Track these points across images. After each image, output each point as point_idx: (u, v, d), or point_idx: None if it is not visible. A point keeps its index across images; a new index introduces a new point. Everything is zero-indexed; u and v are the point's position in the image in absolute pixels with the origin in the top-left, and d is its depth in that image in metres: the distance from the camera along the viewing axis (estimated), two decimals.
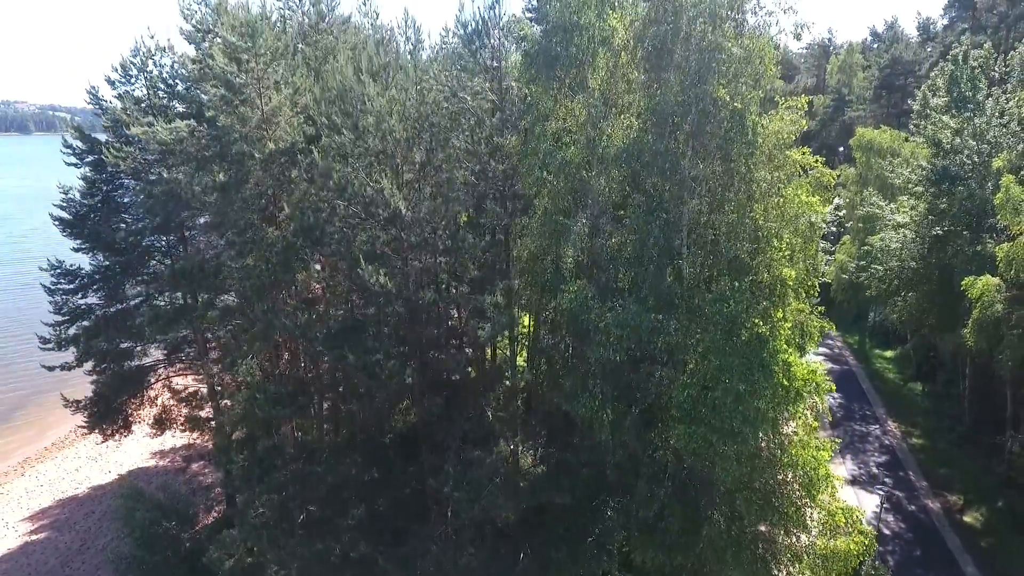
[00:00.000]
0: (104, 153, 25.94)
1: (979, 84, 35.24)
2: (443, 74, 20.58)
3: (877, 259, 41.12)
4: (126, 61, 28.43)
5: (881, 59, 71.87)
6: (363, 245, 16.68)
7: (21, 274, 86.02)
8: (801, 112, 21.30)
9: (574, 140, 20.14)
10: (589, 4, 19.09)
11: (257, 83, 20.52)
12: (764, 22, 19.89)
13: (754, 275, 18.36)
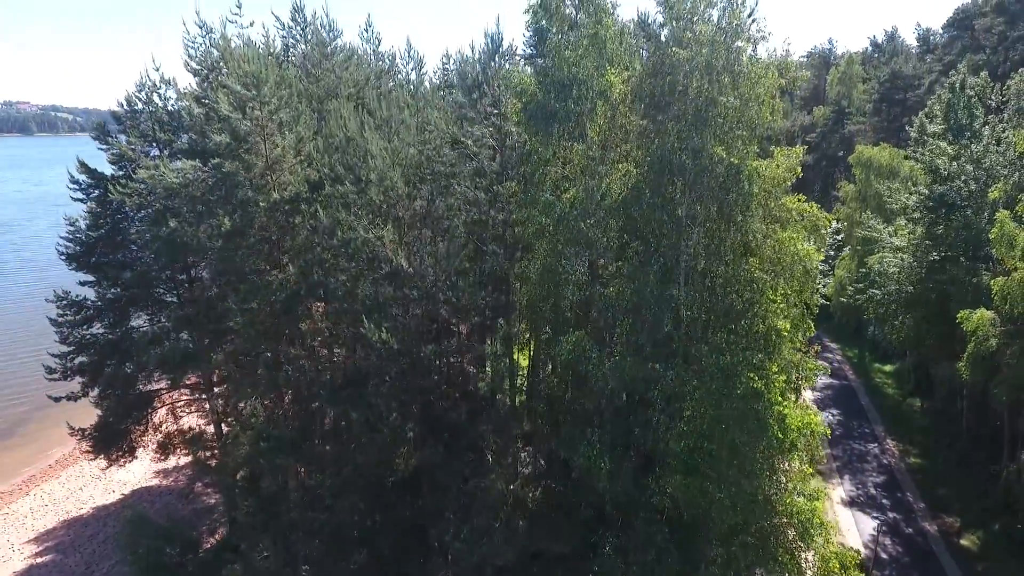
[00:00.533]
0: (110, 190, 26.26)
1: (976, 112, 35.51)
2: (444, 121, 20.84)
3: (875, 282, 41.42)
4: (131, 96, 28.82)
5: (881, 72, 72.07)
6: (366, 299, 16.99)
7: (24, 284, 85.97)
8: (797, 159, 21.61)
9: (573, 187, 20.44)
10: (588, 55, 19.38)
11: (262, 131, 20.83)
12: (759, 72, 20.22)
13: (749, 326, 18.65)
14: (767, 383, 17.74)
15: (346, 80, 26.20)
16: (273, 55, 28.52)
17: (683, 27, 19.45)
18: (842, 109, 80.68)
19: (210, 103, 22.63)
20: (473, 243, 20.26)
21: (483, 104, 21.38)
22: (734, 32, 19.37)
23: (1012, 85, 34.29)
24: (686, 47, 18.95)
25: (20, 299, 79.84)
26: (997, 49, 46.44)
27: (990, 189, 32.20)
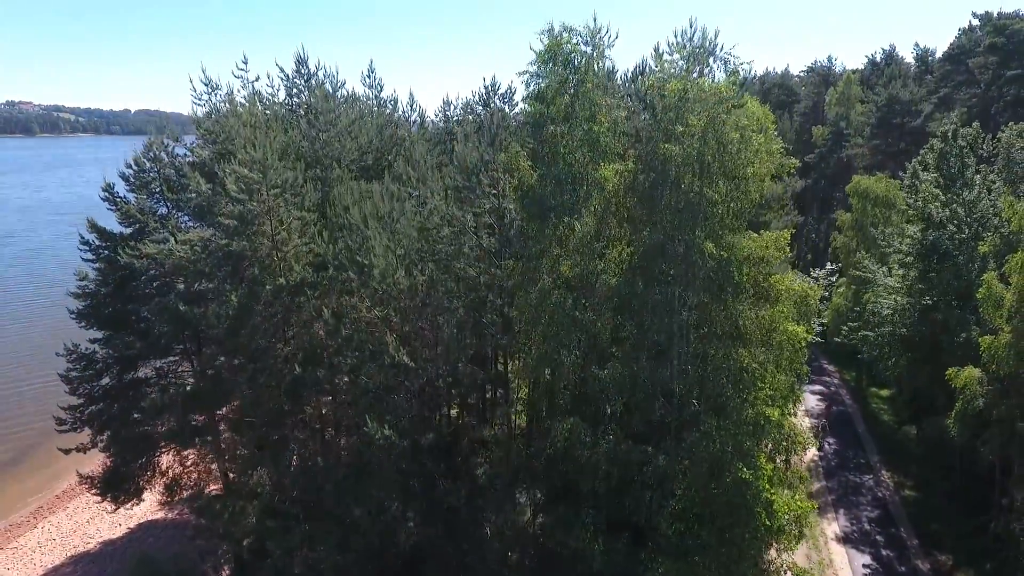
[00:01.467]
0: (119, 253, 26.98)
1: (967, 161, 36.18)
2: (444, 199, 21.55)
3: (869, 322, 42.09)
4: (139, 157, 29.59)
5: (879, 97, 72.68)
6: (368, 390, 17.71)
7: (26, 301, 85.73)
8: (785, 240, 22.24)
9: (569, 271, 21.12)
10: (582, 146, 20.05)
11: (268, 214, 21.54)
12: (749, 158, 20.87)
13: (739, 412, 19.33)
14: (755, 472, 18.41)
15: (349, 148, 26.87)
16: (279, 119, 29.24)
17: (673, 117, 20.15)
18: (840, 131, 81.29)
19: (218, 179, 23.37)
20: (472, 319, 20.96)
21: (483, 185, 22.04)
22: (726, 123, 20.01)
23: (1003, 138, 34.98)
24: (677, 141, 19.62)
25: (23, 317, 79.09)
26: (991, 87, 47.10)
27: (980, 242, 32.84)
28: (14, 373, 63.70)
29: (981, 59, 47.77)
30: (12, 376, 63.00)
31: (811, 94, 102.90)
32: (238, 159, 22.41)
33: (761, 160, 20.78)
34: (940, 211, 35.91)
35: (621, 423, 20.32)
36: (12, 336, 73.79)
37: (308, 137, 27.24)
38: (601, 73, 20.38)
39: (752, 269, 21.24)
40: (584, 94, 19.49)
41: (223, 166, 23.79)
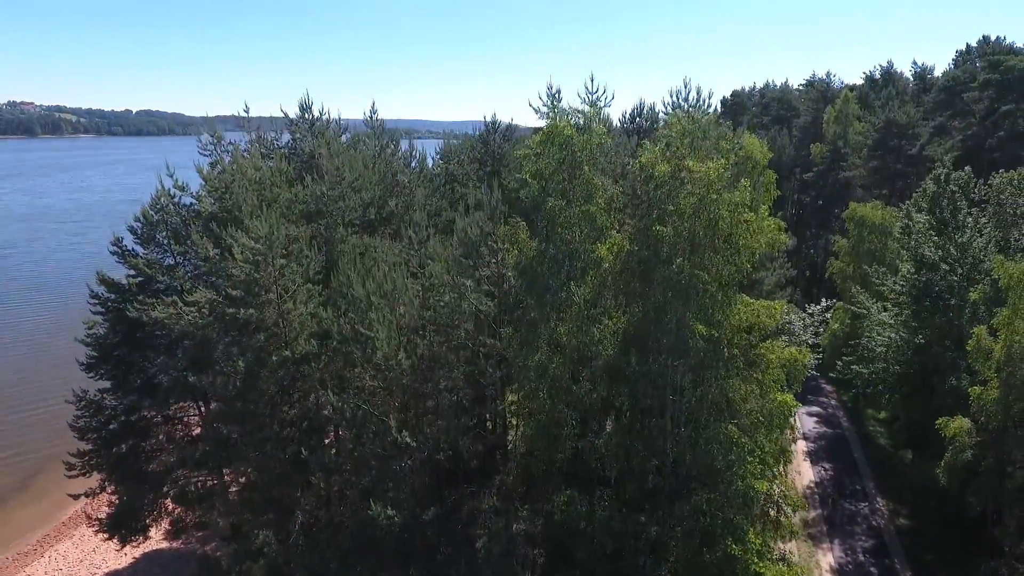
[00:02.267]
0: (128, 308, 27.68)
1: (959, 204, 36.84)
2: (445, 268, 22.22)
3: (864, 357, 42.77)
4: (147, 211, 30.32)
5: (876, 118, 73.36)
6: (370, 470, 18.41)
7: (29, 319, 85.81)
8: (779, 311, 22.89)
9: (566, 339, 21.78)
10: (580, 224, 20.72)
11: (274, 284, 22.23)
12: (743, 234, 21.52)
13: (728, 485, 20.01)
14: (744, 547, 19.08)
15: (353, 205, 27.55)
16: (282, 173, 29.92)
17: (665, 196, 20.82)
18: (838, 149, 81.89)
19: (224, 242, 24.06)
20: (472, 390, 21.64)
21: (483, 256, 22.71)
22: (717, 203, 20.65)
23: (994, 184, 35.66)
24: (668, 220, 20.29)
25: (25, 336, 78.73)
26: (986, 120, 47.78)
27: (972, 288, 33.50)
28: (17, 395, 63.94)
29: (976, 94, 48.42)
30: (15, 399, 63.24)
31: (810, 109, 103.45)
32: (245, 228, 23.08)
33: (752, 235, 21.41)
34: (933, 252, 36.56)
35: (616, 488, 20.99)
36: (14, 356, 73.74)
37: (313, 195, 27.92)
38: (596, 148, 21.01)
39: (742, 337, 21.88)
40: (580, 176, 20.17)
41: (230, 231, 24.48)
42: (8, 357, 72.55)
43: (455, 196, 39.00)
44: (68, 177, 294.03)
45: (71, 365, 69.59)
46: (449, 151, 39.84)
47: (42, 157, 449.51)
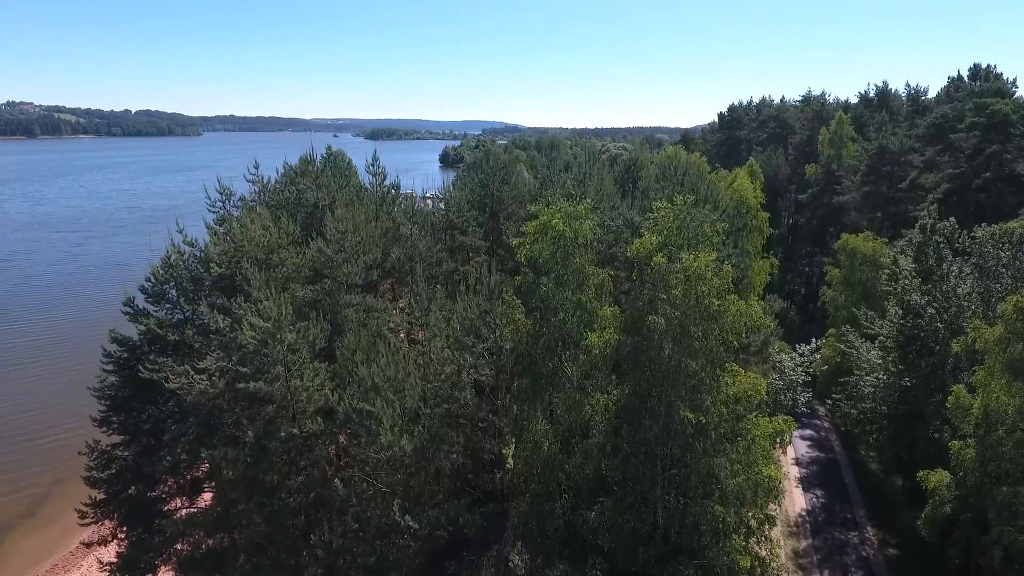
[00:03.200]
0: (140, 369, 28.74)
1: (944, 253, 38.05)
2: (447, 349, 23.36)
3: (852, 396, 43.99)
4: (157, 270, 31.40)
5: (870, 144, 74.63)
6: (376, 548, 19.55)
7: (31, 337, 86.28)
8: (763, 386, 24.04)
9: (561, 412, 22.94)
10: (574, 312, 21.86)
11: (283, 362, 23.35)
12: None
13: (714, 560, 21.17)
14: None
15: (356, 271, 28.66)
16: (289, 234, 31.04)
17: (658, 284, 21.96)
18: (832, 172, 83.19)
19: (235, 316, 25.17)
20: (471, 465, 22.81)
21: (482, 333, 23.84)
22: (707, 294, 21.79)
23: (978, 236, 36.85)
24: (660, 311, 21.43)
25: (28, 358, 78.90)
26: (974, 160, 49.02)
27: (955, 339, 34.68)
28: (21, 421, 64.55)
29: (963, 135, 49.62)
30: (19, 424, 63.83)
31: (806, 128, 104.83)
32: (254, 301, 24.21)
33: (739, 317, 22.55)
34: (919, 299, 37.74)
35: (609, 559, 22.12)
36: (18, 379, 74.14)
37: (319, 260, 29.03)
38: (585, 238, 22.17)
39: (730, 409, 23.01)
40: (572, 264, 21.34)
41: (239, 300, 25.60)
42: (9, 380, 73.10)
43: (455, 244, 40.19)
44: (67, 182, 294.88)
45: (77, 389, 70.29)
46: (450, 199, 40.98)
47: (41, 160, 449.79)
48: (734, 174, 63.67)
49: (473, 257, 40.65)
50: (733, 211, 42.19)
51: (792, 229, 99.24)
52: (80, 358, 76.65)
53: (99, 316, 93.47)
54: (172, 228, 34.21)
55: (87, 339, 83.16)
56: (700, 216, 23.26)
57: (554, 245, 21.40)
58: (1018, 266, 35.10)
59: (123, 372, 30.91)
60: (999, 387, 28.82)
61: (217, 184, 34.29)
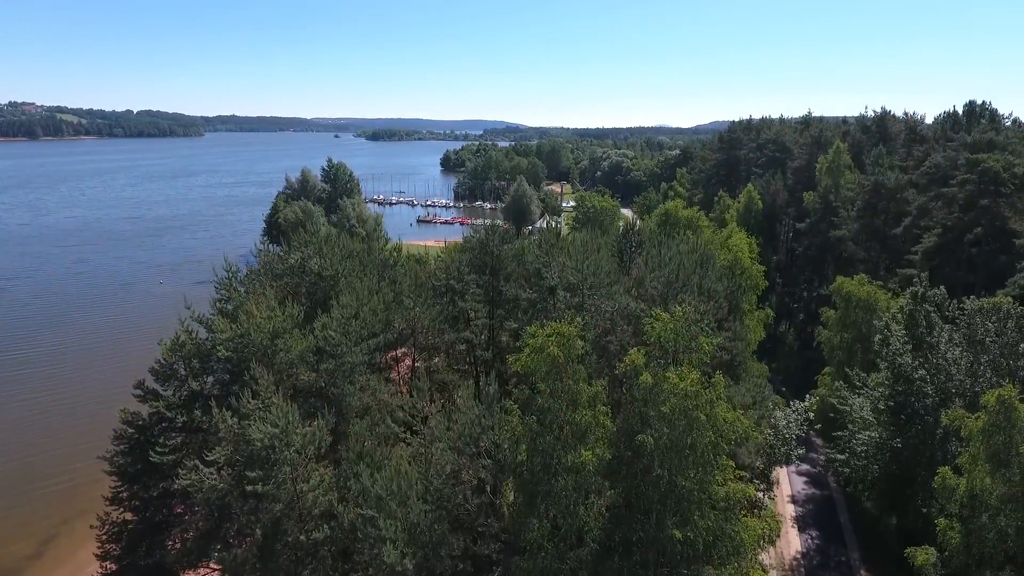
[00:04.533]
0: (151, 454, 29.79)
1: (934, 322, 38.94)
2: (449, 448, 24.31)
3: (845, 450, 44.92)
4: (166, 353, 32.43)
5: (865, 179, 75.49)
6: None
7: (38, 363, 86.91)
8: (752, 493, 24.92)
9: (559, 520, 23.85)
10: (569, 428, 22.76)
11: (290, 463, 24.30)
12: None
13: None
14: None
15: (359, 351, 29.65)
16: (293, 318, 31.98)
17: (653, 395, 22.87)
18: (829, 203, 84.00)
19: (242, 414, 26.13)
20: (473, 563, 23.75)
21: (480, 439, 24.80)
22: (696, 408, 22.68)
23: (967, 308, 37.73)
24: (654, 427, 22.34)
25: (36, 387, 79.04)
26: (967, 212, 49.87)
27: (943, 412, 35.59)
28: (30, 460, 65.31)
29: (956, 189, 50.47)
30: (27, 464, 64.62)
31: (804, 152, 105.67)
32: (261, 400, 25.18)
33: (730, 430, 23.45)
34: (910, 365, 38.66)
35: None
36: (24, 410, 74.36)
37: (325, 346, 30.02)
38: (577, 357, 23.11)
39: (719, 513, 23.93)
40: (565, 383, 22.32)
41: (246, 396, 26.57)
42: (14, 411, 73.69)
43: (455, 310, 41.10)
44: (68, 189, 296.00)
45: (81, 424, 70.87)
46: (450, 263, 41.87)
47: (43, 164, 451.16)
48: (730, 230, 64.60)
49: (473, 319, 41.59)
50: (728, 273, 43.07)
51: (790, 254, 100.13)
52: (86, 390, 77.70)
53: (104, 343, 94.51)
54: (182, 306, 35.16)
55: (93, 369, 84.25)
56: (696, 329, 24.17)
57: (548, 366, 22.33)
58: (1004, 341, 35.96)
59: (134, 453, 31.98)
60: (983, 472, 29.72)
61: (224, 263, 35.21)
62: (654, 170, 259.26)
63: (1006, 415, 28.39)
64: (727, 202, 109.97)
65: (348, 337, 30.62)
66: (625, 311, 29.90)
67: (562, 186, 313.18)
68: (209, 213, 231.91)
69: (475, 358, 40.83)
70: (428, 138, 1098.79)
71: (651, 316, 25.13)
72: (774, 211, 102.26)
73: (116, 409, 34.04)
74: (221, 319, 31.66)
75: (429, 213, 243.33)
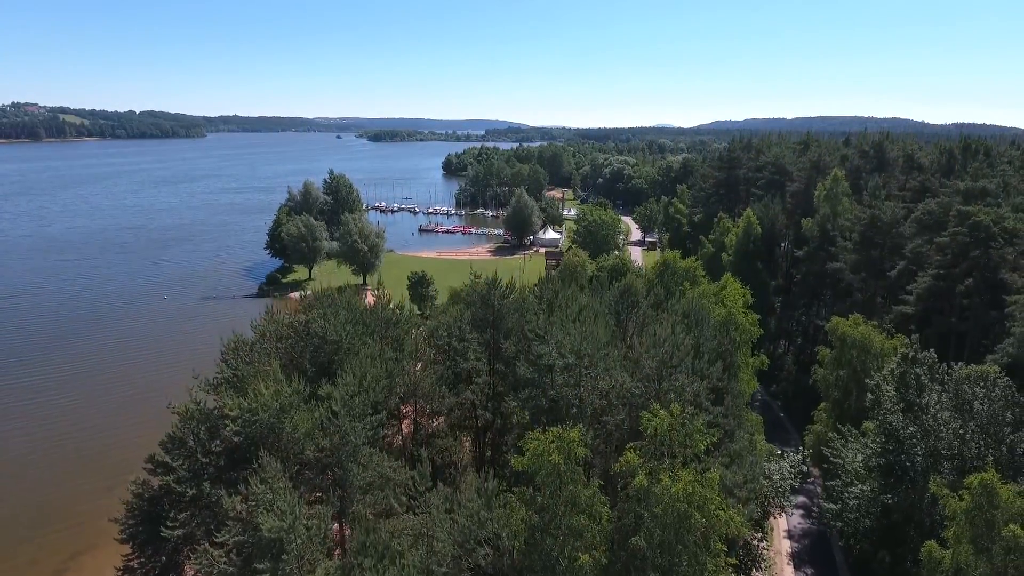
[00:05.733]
0: (162, 530, 30.87)
1: (924, 383, 39.88)
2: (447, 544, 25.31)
3: (837, 500, 45.90)
4: (177, 428, 33.50)
5: (862, 212, 76.32)
6: None
7: (45, 391, 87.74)
8: None
9: None
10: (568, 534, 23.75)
11: (296, 553, 25.32)
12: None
13: None
14: None
15: (363, 429, 30.70)
16: (299, 396, 33.03)
17: (647, 496, 23.85)
18: (827, 232, 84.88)
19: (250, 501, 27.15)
20: None
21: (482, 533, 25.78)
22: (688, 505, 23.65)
23: (955, 374, 38.66)
24: (644, 529, 23.32)
25: (45, 417, 79.39)
26: (958, 262, 50.76)
27: (932, 477, 36.56)
28: (33, 491, 66.24)
29: (948, 239, 51.32)
30: (35, 501, 65.53)
31: (803, 175, 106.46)
32: (270, 487, 26.22)
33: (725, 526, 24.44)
34: (901, 425, 39.60)
35: None
36: (28, 443, 74.36)
37: (327, 423, 31.08)
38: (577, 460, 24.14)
39: None
40: (565, 490, 23.35)
41: (255, 481, 27.62)
42: (17, 444, 74.20)
43: (458, 371, 42.11)
44: (70, 196, 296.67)
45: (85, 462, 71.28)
46: (451, 324, 42.83)
47: (45, 168, 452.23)
48: (724, 280, 65.58)
49: (475, 379, 42.57)
50: (722, 330, 43.97)
51: (789, 278, 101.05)
52: (89, 421, 78.35)
53: (108, 368, 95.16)
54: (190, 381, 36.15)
55: (96, 398, 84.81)
56: (691, 427, 25.14)
57: (549, 470, 23.31)
58: (992, 409, 36.85)
59: (145, 525, 33.08)
60: (967, 550, 30.68)
61: (231, 335, 36.27)
62: (655, 177, 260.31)
63: (988, 498, 29.29)
64: (727, 224, 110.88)
65: (352, 415, 31.63)
66: (621, 391, 30.85)
67: (563, 193, 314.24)
68: (212, 222, 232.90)
69: (476, 416, 41.85)
70: (430, 139, 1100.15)
71: (650, 412, 26.09)
72: (773, 235, 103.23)
73: (122, 442, 35.04)
74: (229, 397, 32.66)
75: (431, 222, 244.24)
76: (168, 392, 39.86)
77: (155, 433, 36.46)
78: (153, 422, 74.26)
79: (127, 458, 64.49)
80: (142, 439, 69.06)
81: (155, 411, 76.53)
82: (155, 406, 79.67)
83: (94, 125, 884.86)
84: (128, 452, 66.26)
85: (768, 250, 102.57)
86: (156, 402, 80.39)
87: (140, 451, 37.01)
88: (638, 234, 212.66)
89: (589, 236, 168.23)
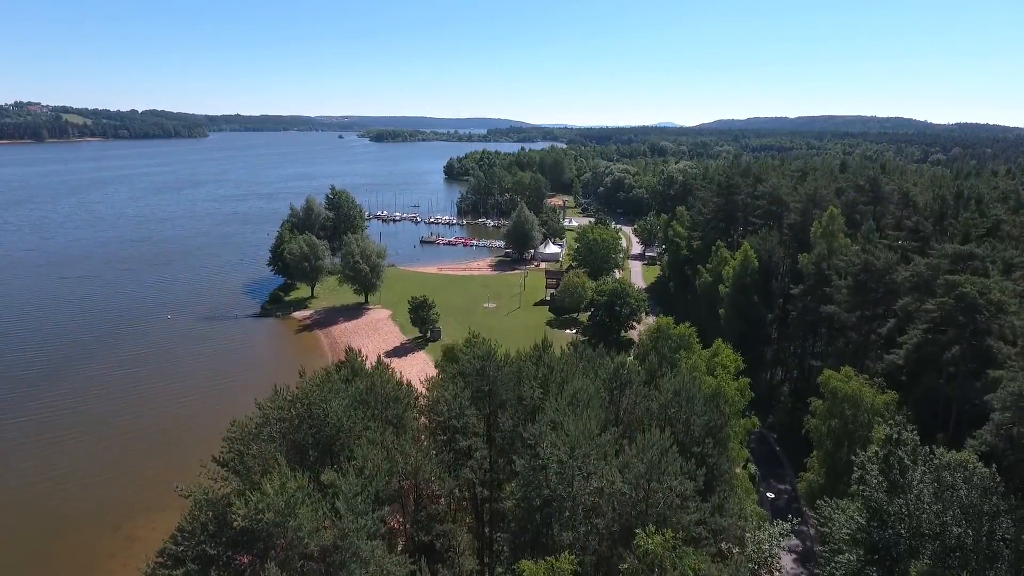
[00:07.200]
0: None
1: (907, 463, 41.11)
2: None
3: (826, 568, 47.17)
4: (187, 516, 34.89)
5: (855, 258, 77.40)
6: None
7: (54, 420, 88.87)
8: None
9: None
10: None
11: None
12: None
13: None
14: None
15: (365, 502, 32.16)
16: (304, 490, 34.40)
17: None
18: (822, 272, 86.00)
19: None
20: None
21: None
22: None
23: (937, 458, 39.89)
24: None
25: (39, 451, 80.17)
26: (945, 329, 52.01)
27: (912, 563, 37.83)
28: (43, 528, 67.88)
29: (935, 307, 52.50)
30: (43, 535, 67.14)
31: (799, 206, 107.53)
32: None
33: None
34: (885, 504, 40.84)
35: None
36: (35, 481, 75.36)
37: (331, 526, 32.48)
38: None
39: None
40: None
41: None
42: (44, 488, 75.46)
43: (456, 447, 43.50)
44: (71, 205, 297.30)
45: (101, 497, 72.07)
46: (451, 400, 44.14)
47: (47, 173, 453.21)
48: (716, 345, 67.02)
49: (474, 453, 43.95)
50: (712, 404, 45.26)
51: (786, 311, 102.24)
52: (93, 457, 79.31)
53: (109, 398, 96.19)
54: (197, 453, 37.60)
55: (98, 432, 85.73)
56: (682, 551, 26.48)
57: None
58: (969, 498, 38.09)
59: None
60: None
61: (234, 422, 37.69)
62: (656, 187, 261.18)
63: None
64: (724, 254, 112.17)
65: (355, 512, 33.02)
66: (612, 493, 32.17)
67: (564, 201, 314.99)
68: (214, 234, 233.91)
69: (475, 494, 43.22)
70: (432, 138, 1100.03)
71: (645, 533, 27.45)
72: (770, 267, 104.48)
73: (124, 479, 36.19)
74: (235, 494, 34.05)
75: (432, 232, 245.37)
76: (172, 433, 40.20)
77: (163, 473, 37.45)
78: (158, 461, 76.11)
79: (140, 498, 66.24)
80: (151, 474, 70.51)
81: (161, 447, 78.41)
82: (159, 441, 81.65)
83: (97, 125, 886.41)
84: (140, 491, 67.82)
85: (765, 282, 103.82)
86: (158, 438, 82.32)
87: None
88: (639, 247, 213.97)
89: (589, 254, 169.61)
